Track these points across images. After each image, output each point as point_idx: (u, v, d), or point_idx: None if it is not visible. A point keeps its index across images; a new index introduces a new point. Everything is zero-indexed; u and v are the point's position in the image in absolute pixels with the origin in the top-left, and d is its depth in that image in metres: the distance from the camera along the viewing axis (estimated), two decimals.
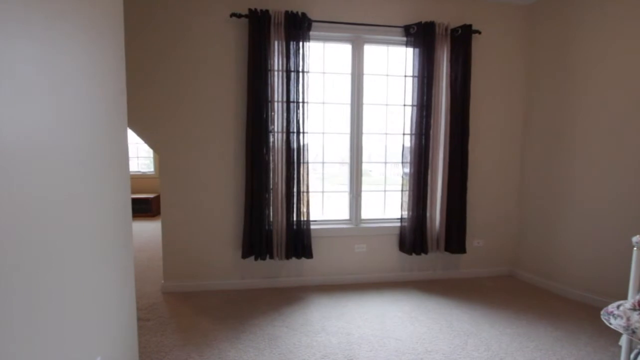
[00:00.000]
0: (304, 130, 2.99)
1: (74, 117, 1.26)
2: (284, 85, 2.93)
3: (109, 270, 1.53)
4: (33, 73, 1.04)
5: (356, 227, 3.27)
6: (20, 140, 0.97)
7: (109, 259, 1.53)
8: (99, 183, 1.45)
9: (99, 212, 1.44)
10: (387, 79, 3.30)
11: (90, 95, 1.38)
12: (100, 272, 1.46)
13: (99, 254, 1.44)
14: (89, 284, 1.36)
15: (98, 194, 1.44)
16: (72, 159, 1.26)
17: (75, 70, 1.26)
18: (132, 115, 2.85)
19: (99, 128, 1.45)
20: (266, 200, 2.99)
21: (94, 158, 1.40)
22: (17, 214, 0.95)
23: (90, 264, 1.37)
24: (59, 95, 1.17)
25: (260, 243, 2.99)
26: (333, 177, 3.49)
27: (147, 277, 3.42)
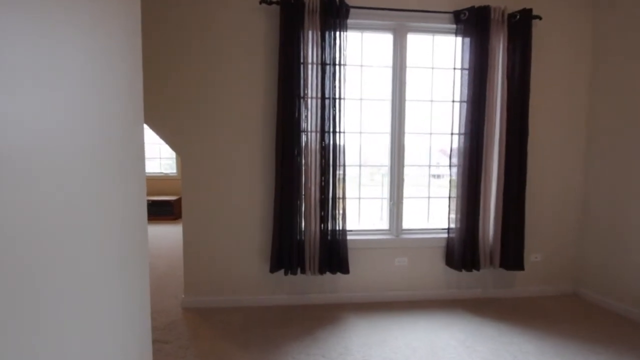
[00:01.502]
0: (340, 129, 2.67)
1: (80, 113, 1.00)
2: (319, 79, 2.63)
3: (119, 282, 1.26)
4: (31, 64, 0.79)
5: (396, 238, 2.91)
6: (18, 135, 0.75)
7: (119, 269, 1.26)
8: (109, 183, 1.18)
9: (107, 216, 1.17)
10: (432, 72, 2.94)
11: (101, 88, 1.12)
12: (109, 284, 1.18)
13: (107, 263, 1.17)
14: (94, 299, 1.09)
15: (107, 194, 1.17)
16: (75, 155, 0.99)
17: (83, 64, 1.01)
18: (151, 113, 2.62)
19: (111, 124, 1.18)
20: (297, 208, 2.68)
21: (102, 154, 1.14)
22: (9, 217, 0.69)
23: (96, 273, 1.10)
24: (62, 89, 0.92)
25: (290, 255, 2.68)
26: (371, 181, 3.15)
27: (167, 288, 3.17)
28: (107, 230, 1.18)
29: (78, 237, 1.01)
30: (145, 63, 2.57)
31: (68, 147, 0.96)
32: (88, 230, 1.06)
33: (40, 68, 0.85)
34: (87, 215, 1.06)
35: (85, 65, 1.05)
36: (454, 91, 2.78)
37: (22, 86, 0.79)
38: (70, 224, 0.97)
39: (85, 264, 1.04)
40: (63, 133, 0.94)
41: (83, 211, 1.04)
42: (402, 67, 2.83)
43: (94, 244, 1.09)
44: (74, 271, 0.98)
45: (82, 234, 1.03)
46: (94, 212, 1.10)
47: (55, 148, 0.90)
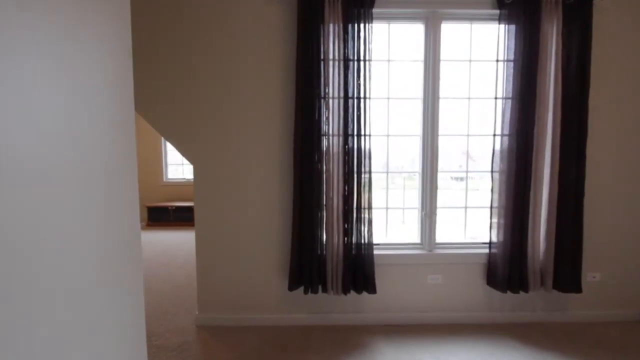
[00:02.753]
0: (366, 132, 2.39)
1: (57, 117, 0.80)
2: (341, 77, 2.36)
3: (105, 301, 1.05)
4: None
5: (429, 254, 2.59)
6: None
7: (106, 286, 1.06)
8: (93, 191, 0.98)
9: (91, 223, 0.98)
10: (469, 66, 2.60)
11: (85, 86, 0.91)
12: (92, 302, 0.98)
13: (91, 278, 0.97)
14: (76, 320, 0.89)
15: (92, 203, 0.97)
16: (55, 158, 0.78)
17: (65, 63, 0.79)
18: (164, 121, 2.46)
19: (94, 124, 0.98)
20: (318, 219, 2.43)
21: (86, 157, 0.94)
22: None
23: (79, 290, 0.91)
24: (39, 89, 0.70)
25: (311, 272, 2.43)
26: (399, 189, 2.85)
27: (183, 302, 3.01)
28: (91, 243, 0.98)
29: (50, 254, 0.80)
30: (155, 68, 2.41)
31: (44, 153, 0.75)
32: (64, 245, 0.86)
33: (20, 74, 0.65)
34: (70, 226, 0.87)
35: (68, 65, 0.85)
36: (497, 87, 2.42)
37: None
38: (45, 238, 0.77)
39: (66, 281, 0.84)
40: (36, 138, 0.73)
41: (62, 222, 0.84)
42: (435, 60, 2.51)
43: (76, 259, 0.90)
44: (49, 288, 0.77)
45: (56, 250, 0.83)
46: (76, 221, 0.90)
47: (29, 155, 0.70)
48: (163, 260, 4.35)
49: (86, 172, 0.99)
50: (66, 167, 0.91)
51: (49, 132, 0.84)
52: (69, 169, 0.92)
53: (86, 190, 0.99)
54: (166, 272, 3.86)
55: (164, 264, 4.17)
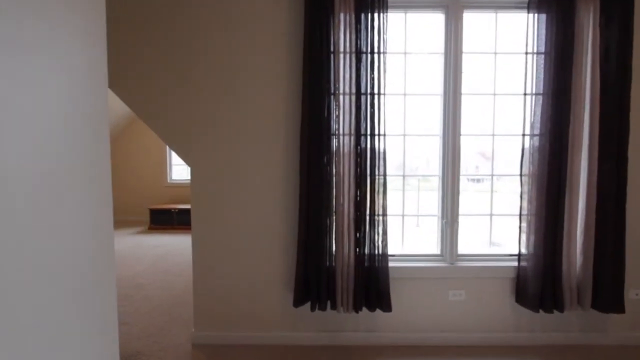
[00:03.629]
0: (380, 131, 2.16)
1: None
2: (353, 71, 2.14)
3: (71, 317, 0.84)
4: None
5: (451, 266, 2.33)
6: None
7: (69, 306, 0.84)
8: (55, 195, 0.78)
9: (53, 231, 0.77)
10: (494, 59, 2.36)
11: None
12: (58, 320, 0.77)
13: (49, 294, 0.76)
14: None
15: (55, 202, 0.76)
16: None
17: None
18: (155, 117, 2.26)
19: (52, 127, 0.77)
20: (327, 227, 2.20)
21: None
22: None
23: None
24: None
25: (318, 286, 2.19)
26: (413, 190, 2.60)
27: (179, 316, 2.78)
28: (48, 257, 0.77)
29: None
30: (151, 66, 2.21)
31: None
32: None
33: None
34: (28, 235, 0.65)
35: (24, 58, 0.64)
36: (527, 82, 2.18)
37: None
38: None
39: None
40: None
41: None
42: (457, 53, 2.28)
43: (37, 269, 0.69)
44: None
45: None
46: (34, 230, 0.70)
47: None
48: (162, 266, 4.14)
49: (51, 177, 0.79)
50: (27, 172, 0.70)
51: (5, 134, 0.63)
52: (31, 173, 0.71)
53: (50, 197, 0.78)
54: (164, 279, 3.64)
55: (163, 271, 3.96)
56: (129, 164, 7.01)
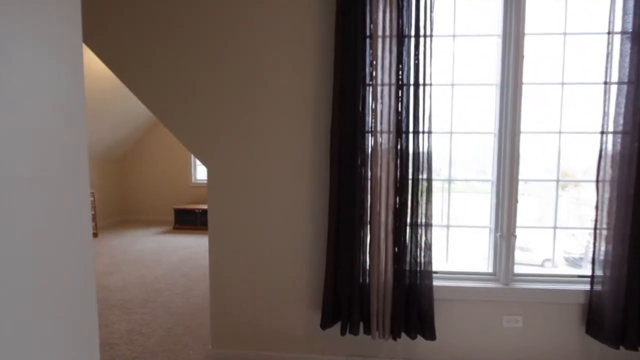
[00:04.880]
0: (424, 128, 1.85)
1: None
2: (393, 58, 1.84)
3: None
4: None
5: (505, 288, 1.98)
6: None
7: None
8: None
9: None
10: (564, 41, 1.97)
11: None
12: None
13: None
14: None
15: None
16: None
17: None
18: (169, 112, 2.05)
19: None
20: (361, 238, 1.91)
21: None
22: None
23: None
24: None
25: (350, 306, 1.91)
26: (456, 193, 2.26)
27: (196, 329, 2.59)
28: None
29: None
30: (166, 61, 2.00)
31: None
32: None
33: None
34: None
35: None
36: (608, 69, 1.79)
37: None
38: None
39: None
40: None
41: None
42: (518, 34, 1.91)
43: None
44: None
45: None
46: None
47: None
48: (183, 269, 4.00)
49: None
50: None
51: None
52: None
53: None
54: (184, 285, 3.49)
55: (184, 275, 3.82)
56: (153, 164, 7.02)
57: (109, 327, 2.64)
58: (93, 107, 5.23)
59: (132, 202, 7.08)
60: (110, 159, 6.72)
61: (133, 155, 7.08)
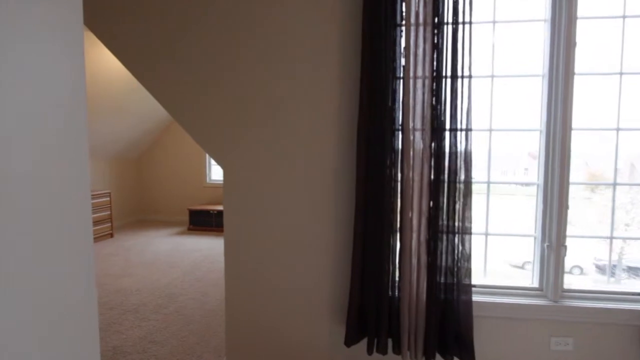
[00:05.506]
0: (463, 124, 1.65)
1: None
2: (428, 48, 1.66)
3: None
4: None
5: (554, 305, 1.76)
6: None
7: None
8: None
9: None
10: (623, 25, 1.74)
11: None
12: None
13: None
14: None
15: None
16: None
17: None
18: (184, 110, 1.92)
19: None
20: (390, 247, 1.73)
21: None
22: None
23: None
24: None
25: (378, 321, 1.73)
26: (500, 203, 2.05)
27: (212, 338, 2.46)
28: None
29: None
30: (182, 56, 1.87)
31: None
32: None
33: None
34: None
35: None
36: None
37: None
38: None
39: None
40: None
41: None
42: (570, 19, 1.69)
43: None
44: None
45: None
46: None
47: None
48: (197, 273, 3.90)
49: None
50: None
51: None
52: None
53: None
54: (198, 289, 3.37)
55: (198, 279, 3.72)
56: (169, 164, 7.00)
57: (122, 333, 2.54)
58: (110, 107, 5.22)
59: (147, 203, 7.08)
60: (127, 159, 6.73)
61: (149, 155, 7.08)
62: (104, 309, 2.94)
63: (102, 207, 5.39)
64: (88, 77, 4.47)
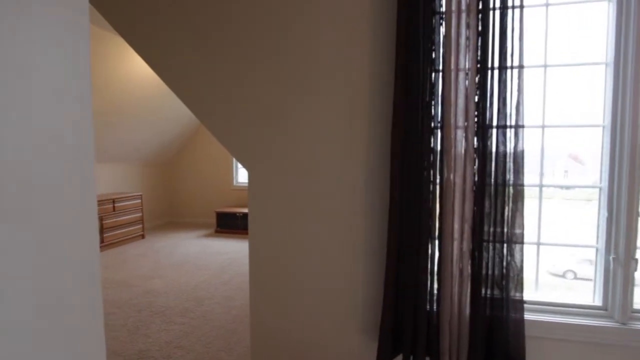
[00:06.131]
0: (512, 121, 1.47)
1: None
2: (472, 36, 1.49)
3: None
4: None
5: (621, 328, 1.52)
6: None
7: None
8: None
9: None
10: None
11: None
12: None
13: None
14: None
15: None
16: None
17: None
18: (209, 112, 1.86)
19: None
20: (428, 257, 1.57)
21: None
22: None
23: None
24: None
25: (414, 339, 1.57)
26: (553, 207, 1.83)
27: (236, 345, 2.39)
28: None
29: None
30: (206, 57, 1.82)
31: None
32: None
33: None
34: None
35: None
36: None
37: None
38: None
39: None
40: None
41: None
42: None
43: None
44: None
45: None
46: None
47: None
48: (224, 276, 3.88)
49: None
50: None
51: None
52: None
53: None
54: (224, 294, 3.34)
55: (225, 282, 3.69)
56: (197, 167, 7.13)
57: (149, 337, 2.53)
58: (141, 113, 5.37)
59: (177, 205, 7.24)
60: (157, 163, 6.92)
61: (178, 159, 7.24)
62: (133, 311, 2.96)
63: (134, 209, 5.54)
64: (120, 84, 4.61)
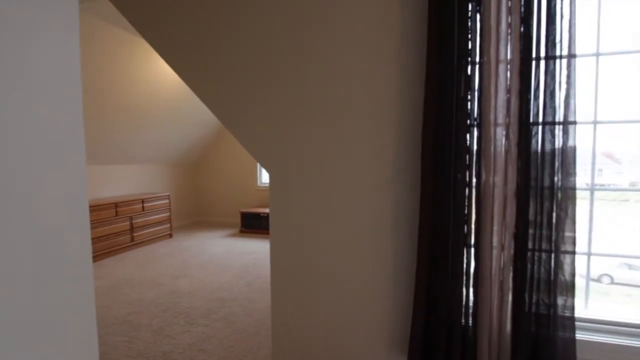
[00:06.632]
0: (560, 117, 1.31)
1: None
2: (515, 24, 1.35)
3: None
4: None
5: None
6: None
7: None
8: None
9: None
10: None
11: None
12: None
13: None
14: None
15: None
16: None
17: None
18: (228, 111, 1.81)
19: None
20: (463, 267, 1.44)
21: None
22: None
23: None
24: None
25: (448, 357, 1.45)
26: (603, 213, 1.64)
27: (258, 352, 2.34)
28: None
29: None
30: (226, 53, 1.77)
31: None
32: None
33: None
34: None
35: None
36: None
37: None
38: None
39: None
40: None
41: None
42: None
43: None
44: None
45: None
46: None
47: None
48: (247, 277, 3.86)
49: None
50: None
51: None
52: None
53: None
54: (247, 295, 3.31)
55: (248, 283, 3.67)
56: (222, 167, 7.24)
57: (173, 338, 2.54)
58: (168, 116, 5.49)
59: (203, 205, 7.38)
60: (184, 164, 7.07)
61: (204, 160, 7.38)
62: (158, 310, 2.99)
63: (162, 209, 5.68)
64: (147, 87, 4.72)
